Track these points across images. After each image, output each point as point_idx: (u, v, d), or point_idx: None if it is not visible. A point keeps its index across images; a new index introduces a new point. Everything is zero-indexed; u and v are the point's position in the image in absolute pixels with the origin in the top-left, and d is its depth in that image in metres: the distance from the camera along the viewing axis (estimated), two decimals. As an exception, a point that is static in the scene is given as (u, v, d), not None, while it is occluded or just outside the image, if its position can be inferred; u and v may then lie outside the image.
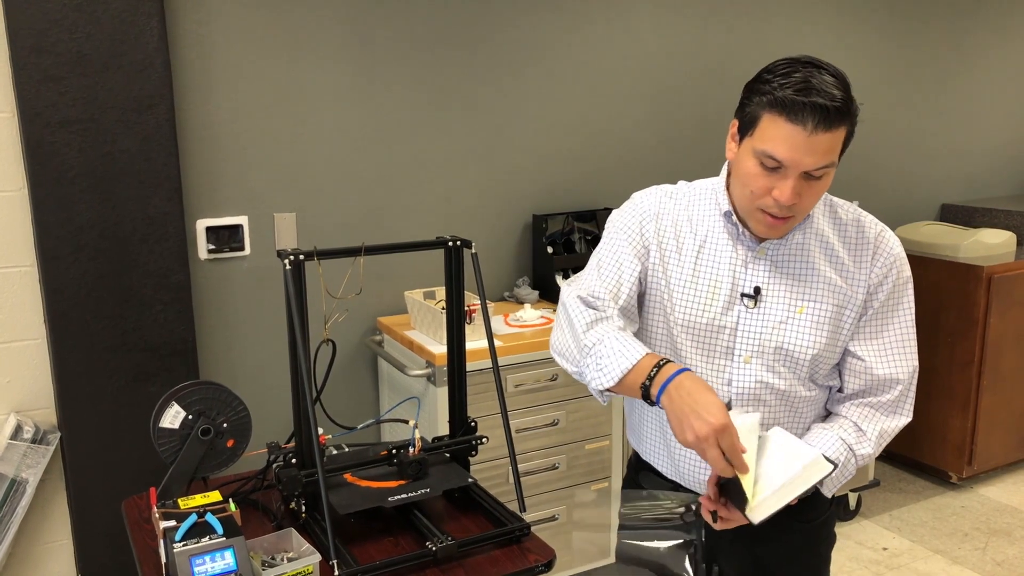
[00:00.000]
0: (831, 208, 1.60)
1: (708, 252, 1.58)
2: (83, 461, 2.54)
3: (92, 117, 2.40)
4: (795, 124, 1.37)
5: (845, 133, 1.42)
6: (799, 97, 1.36)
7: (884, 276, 1.56)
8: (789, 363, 1.55)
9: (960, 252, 3.70)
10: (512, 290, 3.23)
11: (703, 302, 1.57)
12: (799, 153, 1.38)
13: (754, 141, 1.43)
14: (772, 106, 1.39)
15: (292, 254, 1.56)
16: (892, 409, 1.58)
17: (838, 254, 1.56)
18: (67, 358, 2.48)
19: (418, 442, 1.76)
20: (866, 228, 1.58)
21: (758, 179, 1.44)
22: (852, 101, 1.41)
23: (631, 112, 3.40)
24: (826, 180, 1.45)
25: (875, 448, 1.57)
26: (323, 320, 1.84)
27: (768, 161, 1.42)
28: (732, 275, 1.57)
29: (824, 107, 1.36)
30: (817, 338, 1.54)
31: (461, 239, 1.76)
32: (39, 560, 2.64)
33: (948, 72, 4.24)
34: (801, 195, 1.43)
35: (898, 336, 1.57)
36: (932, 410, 3.82)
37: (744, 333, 1.56)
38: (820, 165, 1.40)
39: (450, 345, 1.82)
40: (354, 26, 2.85)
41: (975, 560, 3.24)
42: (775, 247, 1.56)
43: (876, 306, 1.56)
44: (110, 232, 2.47)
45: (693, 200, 1.63)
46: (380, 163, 2.97)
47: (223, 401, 1.72)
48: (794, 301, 1.54)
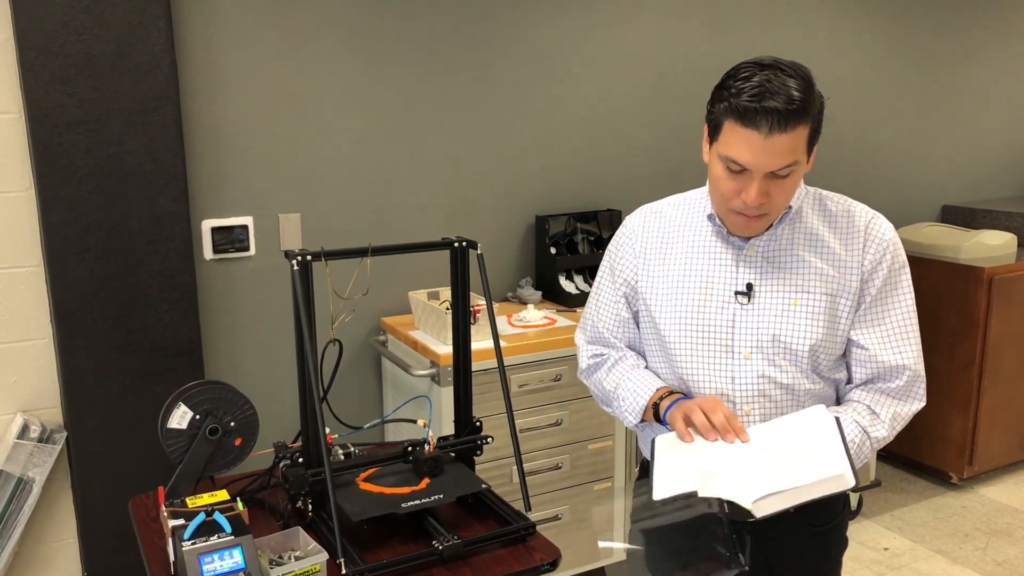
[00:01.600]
0: (820, 201, 1.62)
1: (698, 255, 1.63)
2: (89, 460, 2.56)
3: (99, 118, 2.41)
4: (751, 129, 1.41)
5: (807, 131, 1.44)
6: (752, 103, 1.40)
7: (878, 261, 1.57)
8: (789, 356, 1.57)
9: (961, 253, 3.71)
10: (515, 291, 3.24)
11: (697, 304, 1.61)
12: (759, 156, 1.43)
13: (719, 147, 1.48)
14: (729, 113, 1.44)
15: (300, 255, 1.57)
16: (904, 394, 1.59)
17: (829, 244, 1.58)
18: (73, 358, 2.49)
19: (433, 440, 1.77)
20: (856, 216, 1.60)
21: (726, 182, 1.49)
22: (812, 100, 1.43)
23: (634, 114, 3.41)
24: (794, 177, 1.48)
25: (889, 431, 1.58)
26: (329, 320, 1.85)
27: (733, 165, 1.47)
28: (724, 275, 1.60)
29: (777, 110, 1.39)
30: (814, 329, 1.55)
31: (467, 240, 1.77)
32: (45, 559, 2.66)
33: (949, 74, 4.25)
34: (769, 194, 1.47)
35: (899, 322, 1.58)
36: (933, 411, 3.82)
37: (741, 330, 1.58)
38: (782, 165, 1.44)
39: (456, 345, 1.83)
40: (359, 28, 2.86)
41: (976, 560, 3.25)
42: (764, 243, 1.59)
43: (873, 293, 1.57)
44: (116, 232, 2.48)
45: (681, 210, 1.69)
46: (384, 164, 2.98)
47: (230, 400, 1.73)
48: (788, 294, 1.57)
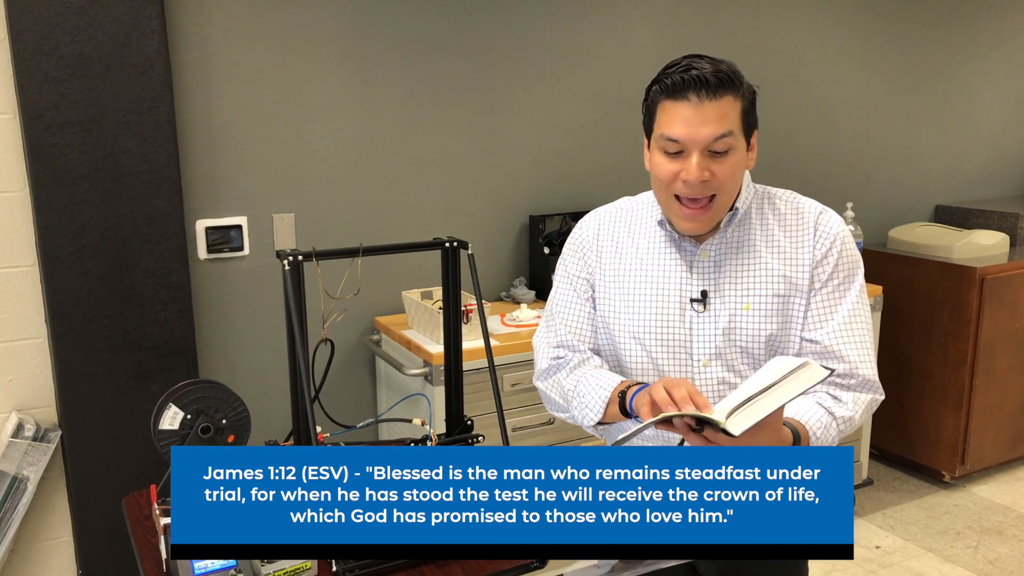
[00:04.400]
0: (769, 200, 1.62)
1: (651, 263, 1.62)
2: (84, 459, 2.57)
3: (93, 119, 2.43)
4: (681, 101, 1.45)
5: (740, 105, 1.47)
6: (680, 75, 1.45)
7: (826, 252, 1.55)
8: (747, 359, 1.57)
9: (953, 253, 3.72)
10: (509, 290, 3.26)
11: (653, 313, 1.59)
12: (692, 127, 1.45)
13: (655, 132, 1.50)
14: (660, 94, 1.49)
15: (291, 255, 1.59)
16: (860, 388, 1.55)
17: (778, 242, 1.57)
18: (68, 357, 2.50)
19: (435, 437, 1.79)
20: (805, 212, 1.59)
21: (665, 167, 1.50)
22: (739, 76, 1.48)
23: (626, 113, 3.42)
24: (732, 157, 1.48)
25: (853, 411, 1.53)
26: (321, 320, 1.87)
27: (669, 145, 1.48)
28: (679, 282, 1.59)
29: (704, 79, 1.44)
30: (767, 329, 1.55)
31: (458, 240, 1.79)
32: (40, 557, 2.67)
33: (942, 74, 4.26)
34: (710, 171, 1.47)
35: (848, 318, 1.55)
36: (925, 409, 3.84)
37: (699, 337, 1.58)
38: (716, 135, 1.45)
39: (447, 345, 1.85)
40: (353, 29, 2.87)
41: (967, 558, 3.27)
42: (715, 247, 1.58)
43: (823, 281, 1.55)
44: (111, 232, 2.49)
45: (633, 213, 1.68)
46: (378, 164, 2.99)
47: (222, 399, 1.74)
48: (740, 298, 1.56)
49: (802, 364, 1.34)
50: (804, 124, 3.85)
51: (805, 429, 1.46)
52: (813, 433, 1.47)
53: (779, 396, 1.31)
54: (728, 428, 1.29)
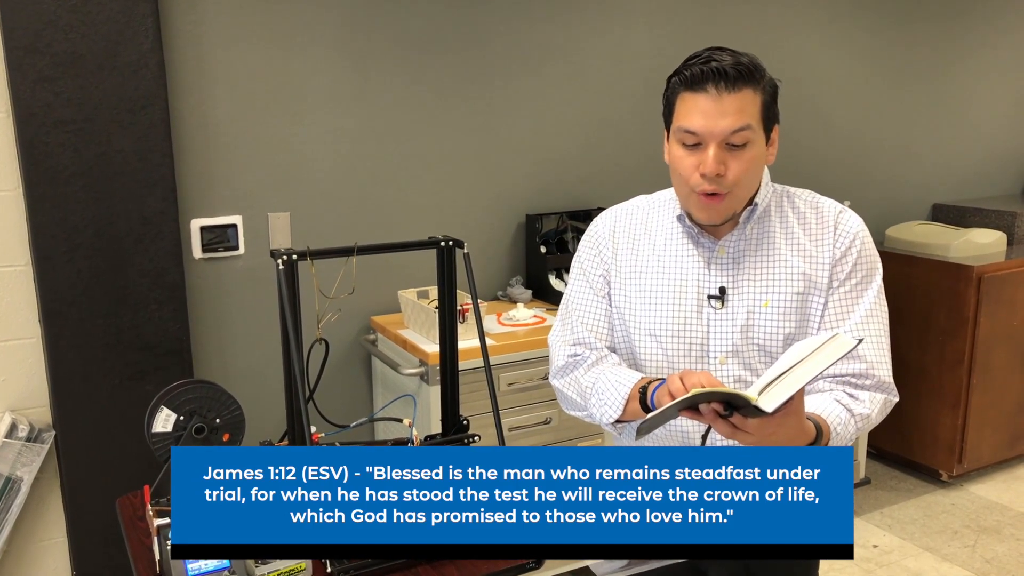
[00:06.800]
0: (789, 199, 1.61)
1: (668, 259, 1.61)
2: (78, 459, 2.55)
3: (87, 117, 2.41)
4: (700, 92, 1.45)
5: (760, 99, 1.47)
6: (700, 67, 1.45)
7: (846, 250, 1.55)
8: (764, 357, 1.55)
9: (951, 252, 3.72)
10: (505, 289, 3.25)
11: (670, 309, 1.58)
12: (710, 119, 1.44)
13: (674, 125, 1.50)
14: (680, 85, 1.49)
15: (285, 254, 1.58)
16: (875, 389, 1.56)
17: (798, 239, 1.57)
18: (62, 357, 2.49)
19: (416, 439, 1.78)
20: (825, 211, 1.59)
21: (684, 160, 1.50)
22: (761, 69, 1.47)
23: (624, 112, 3.41)
24: (751, 150, 1.47)
25: (871, 409, 1.52)
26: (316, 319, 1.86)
27: (687, 137, 1.48)
28: (697, 278, 1.58)
29: (724, 71, 1.43)
30: (786, 327, 1.54)
31: (453, 239, 1.78)
32: (34, 558, 2.65)
33: (940, 72, 4.26)
34: (727, 165, 1.46)
35: (865, 317, 1.54)
36: (922, 408, 3.84)
37: (716, 334, 1.56)
38: (735, 128, 1.44)
39: (443, 344, 1.83)
40: (348, 27, 2.86)
41: (964, 557, 3.27)
42: (734, 243, 1.57)
43: (842, 278, 1.54)
44: (105, 232, 2.48)
45: (650, 211, 1.67)
46: (374, 163, 2.98)
47: (216, 399, 1.73)
48: (759, 295, 1.55)
49: (830, 337, 1.33)
50: (801, 123, 3.84)
51: (827, 423, 1.44)
52: (833, 428, 1.45)
53: (810, 368, 1.29)
54: (760, 404, 1.27)
